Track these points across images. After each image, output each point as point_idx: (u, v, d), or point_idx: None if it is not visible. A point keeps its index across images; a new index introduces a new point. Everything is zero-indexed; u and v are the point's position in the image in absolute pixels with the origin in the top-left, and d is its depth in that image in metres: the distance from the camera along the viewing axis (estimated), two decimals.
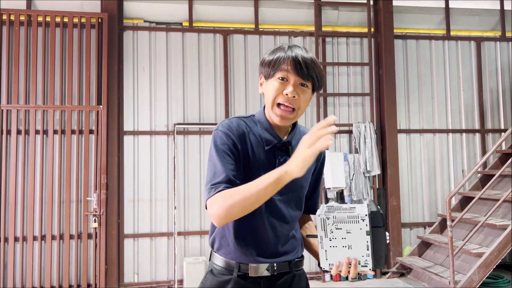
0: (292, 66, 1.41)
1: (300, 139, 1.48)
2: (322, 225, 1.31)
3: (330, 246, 1.32)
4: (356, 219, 1.29)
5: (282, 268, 1.52)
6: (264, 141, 1.50)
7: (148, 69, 5.48)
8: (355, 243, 1.30)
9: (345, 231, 1.30)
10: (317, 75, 1.44)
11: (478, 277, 4.40)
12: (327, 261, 1.33)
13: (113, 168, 5.13)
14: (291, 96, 1.41)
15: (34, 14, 5.07)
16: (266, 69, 1.47)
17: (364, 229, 1.29)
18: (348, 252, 1.31)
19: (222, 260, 1.52)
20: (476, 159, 6.09)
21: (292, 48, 1.45)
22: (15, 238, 4.86)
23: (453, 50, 6.25)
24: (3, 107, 4.92)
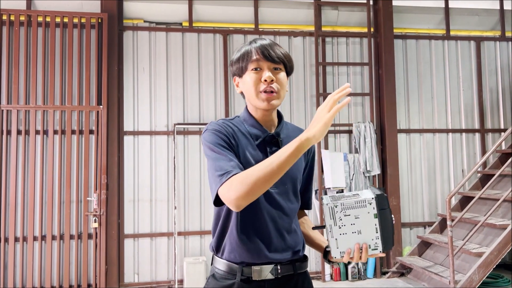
0: (261, 55, 1.48)
1: (290, 133, 1.58)
2: (330, 213, 1.34)
3: (340, 234, 1.34)
4: (363, 204, 1.32)
5: (286, 271, 1.51)
6: (253, 137, 1.53)
7: (148, 69, 5.48)
8: (364, 228, 1.33)
9: (354, 216, 1.33)
10: (285, 56, 1.51)
11: (478, 277, 4.40)
12: (338, 249, 1.35)
13: (113, 168, 5.13)
14: (269, 81, 1.47)
15: (34, 14, 5.07)
16: (237, 66, 1.54)
17: (372, 213, 1.32)
18: (358, 238, 1.34)
19: (224, 263, 1.50)
20: (476, 159, 6.10)
21: (255, 41, 1.53)
22: (15, 238, 4.86)
23: (452, 50, 6.25)
24: (3, 107, 4.93)
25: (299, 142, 1.28)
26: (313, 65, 5.81)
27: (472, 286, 4.38)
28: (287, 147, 1.30)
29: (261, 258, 1.48)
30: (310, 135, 1.27)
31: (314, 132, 1.27)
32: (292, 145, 1.29)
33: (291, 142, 1.30)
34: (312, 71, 5.81)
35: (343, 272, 5.41)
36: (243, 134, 1.53)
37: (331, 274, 5.44)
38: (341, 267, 5.42)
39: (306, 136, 1.27)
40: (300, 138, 1.28)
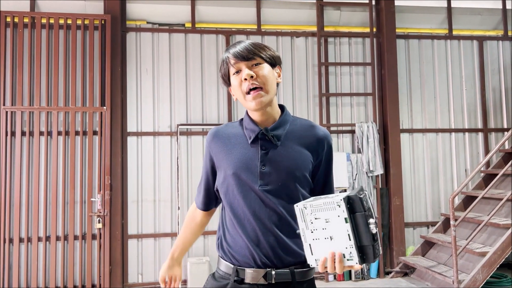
0: (236, 58, 1.47)
1: (296, 129, 1.52)
2: (301, 215, 1.21)
3: (313, 239, 1.20)
4: (332, 206, 1.17)
5: (282, 278, 1.42)
6: (247, 135, 1.51)
7: (151, 70, 5.50)
8: (336, 234, 1.17)
9: (324, 220, 1.18)
10: (258, 49, 1.48)
11: (481, 276, 4.40)
12: (312, 256, 1.21)
13: (117, 169, 5.15)
14: (249, 78, 1.44)
15: (37, 16, 5.09)
16: (221, 77, 1.56)
17: (342, 216, 1.16)
18: (331, 245, 1.18)
19: (224, 264, 1.50)
20: (479, 158, 6.09)
21: (228, 49, 1.53)
22: (20, 239, 4.89)
23: (455, 49, 6.25)
24: (8, 109, 4.96)
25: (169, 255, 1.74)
26: (315, 66, 5.82)
27: (475, 285, 4.38)
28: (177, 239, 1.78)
29: (252, 260, 1.43)
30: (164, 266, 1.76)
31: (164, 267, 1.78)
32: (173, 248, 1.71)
33: (175, 245, 1.71)
34: (314, 71, 5.82)
35: (346, 272, 5.42)
36: (239, 135, 1.53)
37: (334, 274, 5.44)
38: None
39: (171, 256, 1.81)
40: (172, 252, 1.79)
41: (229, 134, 1.55)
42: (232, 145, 1.52)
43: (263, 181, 1.44)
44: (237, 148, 1.50)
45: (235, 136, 1.53)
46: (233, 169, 1.47)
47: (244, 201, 1.45)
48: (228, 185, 1.49)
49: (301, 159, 1.48)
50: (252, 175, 1.45)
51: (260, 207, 1.44)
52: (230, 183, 1.48)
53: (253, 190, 1.45)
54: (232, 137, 1.53)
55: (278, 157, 1.46)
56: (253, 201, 1.45)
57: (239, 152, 1.49)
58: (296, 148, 1.49)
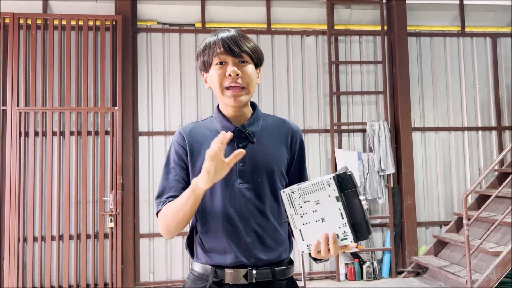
0: (223, 48, 1.40)
1: (268, 126, 1.50)
2: (288, 201, 1.18)
3: (303, 224, 1.17)
4: (321, 186, 1.14)
5: (263, 276, 1.39)
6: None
7: (162, 70, 5.53)
8: (328, 214, 1.14)
9: (314, 202, 1.15)
10: (251, 48, 1.43)
11: (495, 276, 4.34)
12: (304, 242, 1.18)
13: (128, 168, 5.19)
14: (234, 75, 1.39)
15: (50, 18, 5.16)
16: (201, 61, 1.47)
17: (333, 195, 1.13)
18: (324, 226, 1.15)
19: (199, 265, 1.44)
20: (492, 157, 6.01)
21: (217, 33, 1.45)
22: (33, 238, 4.95)
23: (468, 46, 6.17)
24: (21, 110, 5.02)
25: (192, 187, 1.29)
26: (326, 64, 5.79)
27: (489, 285, 4.32)
28: (188, 190, 1.31)
29: (232, 260, 1.38)
30: (198, 181, 1.26)
31: (199, 180, 1.25)
32: (189, 188, 1.30)
33: (190, 186, 1.30)
34: (325, 70, 5.80)
35: (358, 272, 5.39)
36: (213, 133, 1.44)
37: (345, 274, 5.42)
38: (356, 267, 5.39)
39: (196, 181, 1.27)
40: (194, 182, 1.28)
41: (202, 133, 1.48)
42: (207, 144, 1.39)
43: (242, 179, 1.41)
44: None
45: (209, 135, 1.45)
46: None
47: (224, 200, 1.40)
48: None
49: (277, 154, 1.47)
50: (230, 173, 1.37)
51: (240, 205, 1.40)
52: None
53: (232, 189, 1.40)
54: (206, 135, 1.46)
55: (256, 154, 1.43)
56: (233, 199, 1.40)
57: None
58: (271, 144, 1.47)
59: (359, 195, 1.14)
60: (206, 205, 1.42)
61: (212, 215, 1.41)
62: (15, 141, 4.96)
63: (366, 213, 1.15)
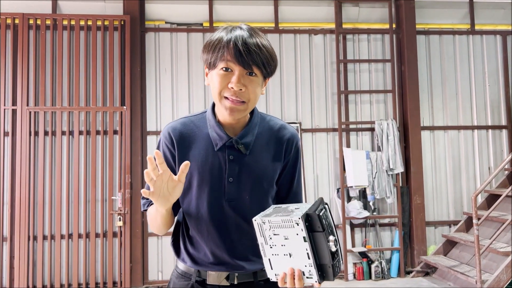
0: (234, 55, 1.25)
1: (262, 133, 1.40)
2: (259, 230, 1.17)
3: (273, 254, 1.17)
4: (290, 223, 1.12)
5: (245, 278, 1.39)
6: (213, 141, 1.37)
7: (170, 69, 5.55)
8: (295, 251, 1.14)
9: (283, 237, 1.14)
10: (263, 60, 1.28)
11: (506, 276, 4.30)
12: (272, 270, 1.19)
13: (137, 167, 5.22)
14: (237, 90, 1.27)
15: (59, 18, 5.19)
16: (207, 58, 1.33)
17: (300, 235, 1.12)
18: (291, 261, 1.15)
19: (183, 265, 1.44)
20: (503, 156, 5.95)
21: (231, 31, 1.29)
22: (43, 237, 5.00)
23: (477, 44, 6.11)
24: (31, 109, 5.07)
25: (155, 206, 1.30)
26: (334, 63, 5.77)
27: (499, 286, 4.28)
28: (154, 210, 1.34)
29: (214, 269, 1.39)
30: (155, 204, 1.27)
31: (155, 203, 1.26)
32: (154, 209, 1.33)
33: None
34: (333, 68, 5.78)
35: (366, 271, 5.37)
36: (203, 135, 1.38)
37: (354, 273, 5.40)
38: (364, 266, 5.37)
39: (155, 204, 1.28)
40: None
41: (193, 136, 1.38)
42: (197, 150, 1.37)
43: (229, 195, 1.36)
44: (202, 154, 1.37)
45: (199, 139, 1.38)
46: (199, 180, 1.36)
47: (209, 214, 1.36)
48: (193, 194, 1.38)
49: (269, 168, 1.39)
50: (218, 187, 1.35)
51: (225, 220, 1.37)
52: (194, 193, 1.38)
53: (219, 202, 1.36)
54: (196, 139, 1.38)
55: (246, 168, 1.36)
56: (219, 214, 1.36)
57: (204, 160, 1.36)
58: (264, 156, 1.39)
59: (327, 237, 1.13)
60: (192, 215, 1.40)
61: (197, 225, 1.39)
62: (25, 140, 5.00)
63: (337, 254, 1.15)
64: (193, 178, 1.37)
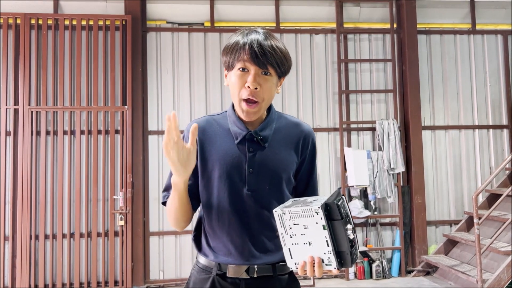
0: (249, 56, 1.35)
1: (281, 128, 1.50)
2: (280, 221, 1.23)
3: (292, 244, 1.23)
4: (310, 213, 1.19)
5: (264, 272, 1.44)
6: (233, 135, 1.45)
7: (171, 69, 5.56)
8: (315, 240, 1.20)
9: (303, 226, 1.21)
10: (277, 61, 1.38)
11: (506, 276, 4.31)
12: (292, 260, 1.24)
13: (138, 167, 5.23)
14: (253, 88, 1.36)
15: (61, 18, 5.21)
16: (226, 60, 1.43)
17: (320, 223, 1.18)
18: (310, 250, 1.21)
19: (204, 259, 1.49)
20: (504, 156, 5.95)
21: (248, 34, 1.39)
22: (45, 236, 5.01)
23: (479, 44, 6.12)
24: (33, 109, 5.08)
25: (172, 181, 1.35)
26: (335, 63, 5.78)
27: (500, 285, 4.29)
28: (172, 189, 1.38)
29: (235, 261, 1.43)
30: (173, 176, 1.34)
31: (173, 174, 1.33)
32: (172, 187, 1.37)
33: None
34: (334, 68, 5.78)
35: (367, 271, 5.37)
36: (224, 131, 1.47)
37: (355, 273, 5.41)
38: (365, 266, 5.38)
39: (172, 177, 1.35)
40: (172, 177, 1.35)
41: (214, 131, 1.48)
42: (218, 144, 1.45)
43: (250, 185, 1.43)
44: (223, 147, 1.45)
45: (221, 134, 1.47)
46: (220, 171, 1.43)
47: (230, 205, 1.42)
48: (214, 186, 1.45)
49: (287, 160, 1.47)
50: (239, 178, 1.42)
51: (245, 210, 1.43)
52: (216, 184, 1.44)
53: (239, 194, 1.42)
54: (218, 134, 1.47)
55: (265, 160, 1.44)
56: (239, 204, 1.42)
57: (225, 153, 1.44)
58: (283, 149, 1.47)
59: (345, 225, 1.19)
60: (213, 206, 1.45)
61: (218, 217, 1.44)
62: (27, 140, 5.02)
63: (354, 241, 1.21)
64: (214, 170, 1.44)
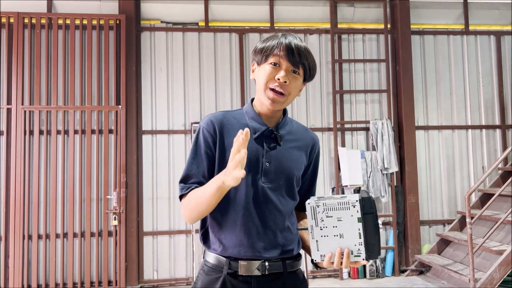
0: (285, 52, 1.44)
1: (293, 131, 1.58)
2: (312, 213, 1.27)
3: (321, 236, 1.27)
4: (347, 206, 1.24)
5: (275, 268, 1.46)
6: (251, 130, 1.49)
7: (166, 69, 5.55)
8: (347, 232, 1.25)
9: (336, 218, 1.25)
10: (309, 64, 1.48)
11: (498, 275, 4.34)
12: (318, 252, 1.28)
13: (132, 166, 5.22)
14: (282, 81, 1.43)
15: (54, 17, 5.19)
16: (259, 56, 1.50)
17: (355, 216, 1.24)
18: (340, 242, 1.26)
19: (213, 257, 1.48)
20: (496, 155, 5.99)
21: (286, 36, 1.49)
22: (38, 236, 4.99)
23: (472, 45, 6.15)
24: (26, 108, 5.06)
25: (218, 184, 1.32)
26: (329, 63, 5.79)
27: (492, 284, 4.32)
28: (212, 184, 1.35)
29: (247, 253, 1.44)
30: (225, 180, 1.29)
31: (227, 180, 1.28)
32: (215, 184, 1.34)
33: (216, 179, 1.35)
34: (328, 68, 5.80)
35: (361, 270, 5.39)
36: (242, 126, 1.48)
37: (349, 272, 5.42)
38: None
39: (223, 180, 1.30)
40: (220, 180, 1.31)
41: (232, 124, 1.51)
42: (236, 136, 1.49)
43: (266, 178, 1.47)
44: None
45: (239, 128, 1.44)
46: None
47: (246, 196, 1.45)
48: None
49: (299, 160, 1.55)
50: (255, 170, 1.46)
51: (261, 203, 1.46)
52: None
53: (256, 186, 1.46)
54: (235, 128, 1.48)
55: (281, 156, 1.50)
56: (255, 196, 1.46)
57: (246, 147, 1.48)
58: (294, 149, 1.55)
59: (376, 220, 1.27)
60: (230, 197, 1.46)
61: (234, 208, 1.46)
62: (20, 139, 4.99)
63: (380, 235, 1.29)
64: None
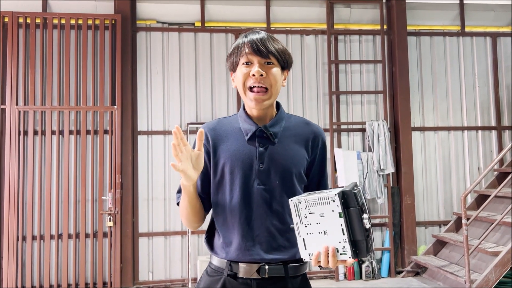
0: (251, 48, 1.43)
1: (291, 126, 1.53)
2: (295, 210, 1.23)
3: (307, 234, 1.22)
4: (326, 200, 1.18)
5: (276, 272, 1.43)
6: (244, 132, 1.49)
7: (161, 69, 5.53)
8: (330, 228, 1.19)
9: (318, 214, 1.20)
10: (278, 50, 1.45)
11: (494, 276, 4.33)
12: (306, 250, 1.24)
13: (127, 167, 5.19)
14: (258, 75, 1.41)
15: (49, 16, 5.16)
16: (230, 61, 1.50)
17: (336, 211, 1.17)
18: (325, 239, 1.20)
19: (216, 259, 1.50)
20: (492, 157, 6.00)
21: (247, 34, 1.49)
22: (32, 237, 4.96)
23: (468, 46, 6.16)
24: (20, 109, 5.02)
25: (182, 182, 1.38)
26: (325, 64, 5.79)
27: (488, 285, 4.32)
28: (182, 191, 1.44)
29: (246, 256, 1.43)
30: (181, 180, 1.37)
31: (182, 178, 1.36)
32: (182, 187, 1.42)
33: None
34: (324, 69, 5.79)
35: (357, 271, 5.38)
36: (236, 130, 1.51)
37: (345, 273, 5.41)
38: (355, 266, 5.38)
39: (181, 180, 1.38)
40: (181, 180, 1.38)
41: (226, 130, 1.52)
42: (229, 142, 1.49)
43: (260, 180, 1.45)
44: (234, 145, 1.48)
45: (232, 133, 1.51)
46: (231, 167, 1.46)
47: (242, 199, 1.44)
48: (225, 183, 1.48)
49: (297, 156, 1.50)
50: (249, 173, 1.45)
51: (257, 205, 1.44)
52: (228, 180, 1.47)
53: (251, 189, 1.45)
54: (229, 133, 1.50)
55: (276, 155, 1.47)
56: (250, 199, 1.44)
57: (236, 149, 1.47)
58: (292, 145, 1.50)
59: (361, 214, 1.17)
60: (226, 201, 1.47)
61: (230, 211, 1.46)
62: (14, 140, 4.96)
63: (369, 231, 1.19)
64: (226, 168, 1.47)
